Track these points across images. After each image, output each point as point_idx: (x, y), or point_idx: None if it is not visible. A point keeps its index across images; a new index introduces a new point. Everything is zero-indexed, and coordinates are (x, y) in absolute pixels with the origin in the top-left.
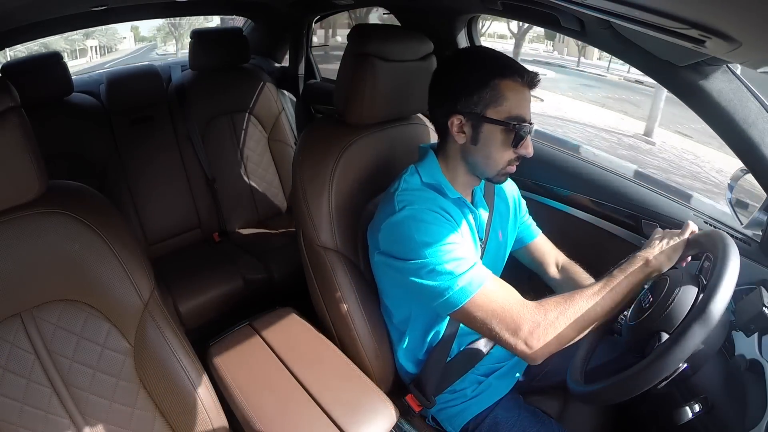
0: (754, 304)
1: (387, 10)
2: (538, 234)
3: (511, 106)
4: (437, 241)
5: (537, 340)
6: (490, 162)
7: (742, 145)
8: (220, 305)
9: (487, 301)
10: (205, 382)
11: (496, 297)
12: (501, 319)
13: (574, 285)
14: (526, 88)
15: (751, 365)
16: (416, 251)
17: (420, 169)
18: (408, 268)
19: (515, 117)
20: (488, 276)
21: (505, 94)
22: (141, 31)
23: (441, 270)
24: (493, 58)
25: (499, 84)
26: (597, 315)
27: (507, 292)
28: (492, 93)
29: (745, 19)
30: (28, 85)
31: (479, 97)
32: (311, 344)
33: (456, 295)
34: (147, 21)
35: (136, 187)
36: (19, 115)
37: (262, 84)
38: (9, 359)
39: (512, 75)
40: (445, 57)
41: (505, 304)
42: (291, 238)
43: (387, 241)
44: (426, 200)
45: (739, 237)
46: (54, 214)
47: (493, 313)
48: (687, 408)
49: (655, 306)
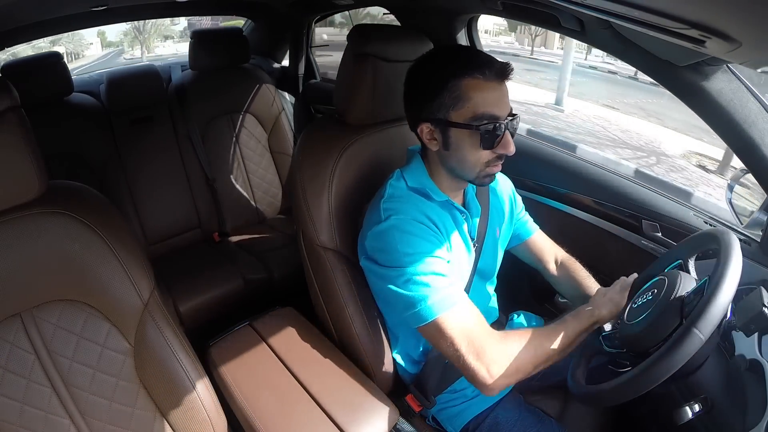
0: (754, 304)
1: (387, 10)
2: (535, 230)
3: (474, 106)
4: (419, 253)
5: (498, 368)
6: (465, 166)
7: (742, 145)
8: (220, 305)
9: (457, 321)
10: (205, 382)
11: (467, 320)
12: (468, 342)
13: (573, 281)
14: (493, 83)
15: (751, 365)
16: (397, 260)
17: (405, 174)
18: (387, 275)
19: (481, 116)
20: (463, 298)
21: (467, 94)
22: (108, 36)
23: (417, 281)
24: (450, 58)
25: (457, 84)
26: (553, 353)
27: (478, 318)
28: (451, 95)
29: (745, 19)
30: (28, 85)
31: (440, 102)
32: (311, 344)
33: (427, 309)
34: (114, 26)
35: (136, 187)
36: (19, 115)
37: (262, 84)
38: (9, 359)
39: (471, 72)
40: (412, 64)
41: (474, 328)
42: (291, 238)
43: (372, 249)
44: (412, 207)
45: (739, 237)
46: (54, 214)
47: (461, 335)
48: (687, 408)
49: (660, 298)
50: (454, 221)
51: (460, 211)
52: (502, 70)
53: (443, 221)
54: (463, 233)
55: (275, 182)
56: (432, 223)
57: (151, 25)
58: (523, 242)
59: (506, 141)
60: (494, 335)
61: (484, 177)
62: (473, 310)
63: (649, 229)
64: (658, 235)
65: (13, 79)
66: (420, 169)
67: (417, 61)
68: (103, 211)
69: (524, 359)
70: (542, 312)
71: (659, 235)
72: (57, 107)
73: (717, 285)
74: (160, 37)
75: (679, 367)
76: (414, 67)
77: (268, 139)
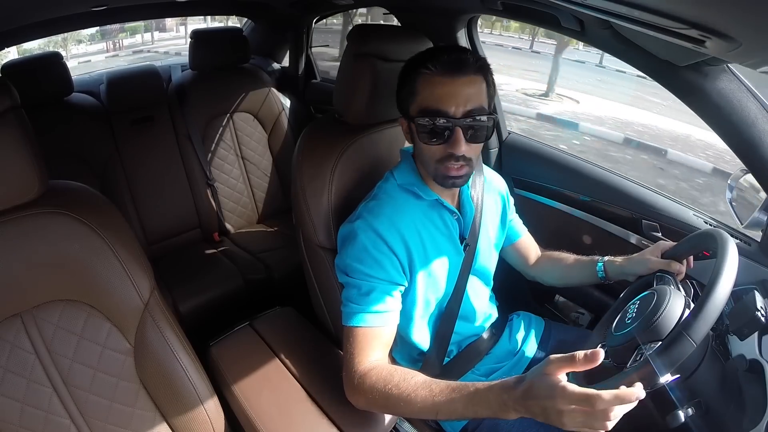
0: (748, 308)
1: (387, 10)
2: (524, 233)
3: (422, 100)
4: (361, 266)
5: (364, 395)
6: (423, 161)
7: (742, 145)
8: (220, 305)
9: (365, 337)
10: (205, 382)
11: (372, 341)
12: (351, 357)
13: (557, 266)
14: (443, 77)
15: (751, 365)
16: (345, 265)
17: (396, 174)
18: (337, 265)
19: (425, 110)
20: (383, 322)
21: (417, 88)
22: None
23: (351, 290)
24: (419, 53)
25: (414, 79)
26: (429, 409)
27: (380, 344)
28: (408, 89)
29: (745, 19)
30: (28, 85)
31: (404, 95)
32: (311, 344)
33: (349, 316)
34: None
35: (136, 187)
36: (19, 115)
37: (262, 84)
38: (9, 359)
39: (423, 66)
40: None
41: (365, 350)
42: (291, 238)
43: (338, 242)
44: (386, 211)
45: (739, 237)
46: (54, 214)
47: (354, 348)
48: (680, 412)
49: (641, 319)
50: (442, 221)
51: (451, 212)
52: (452, 65)
53: (425, 224)
54: (451, 234)
55: (275, 182)
56: (399, 238)
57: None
58: (512, 244)
59: (455, 139)
60: (379, 365)
61: (442, 178)
62: (388, 335)
63: (648, 228)
64: (658, 235)
65: (13, 79)
66: (409, 168)
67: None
68: (103, 211)
69: (390, 403)
70: (542, 312)
71: (659, 235)
72: (57, 107)
73: (715, 279)
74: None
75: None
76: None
77: (268, 139)
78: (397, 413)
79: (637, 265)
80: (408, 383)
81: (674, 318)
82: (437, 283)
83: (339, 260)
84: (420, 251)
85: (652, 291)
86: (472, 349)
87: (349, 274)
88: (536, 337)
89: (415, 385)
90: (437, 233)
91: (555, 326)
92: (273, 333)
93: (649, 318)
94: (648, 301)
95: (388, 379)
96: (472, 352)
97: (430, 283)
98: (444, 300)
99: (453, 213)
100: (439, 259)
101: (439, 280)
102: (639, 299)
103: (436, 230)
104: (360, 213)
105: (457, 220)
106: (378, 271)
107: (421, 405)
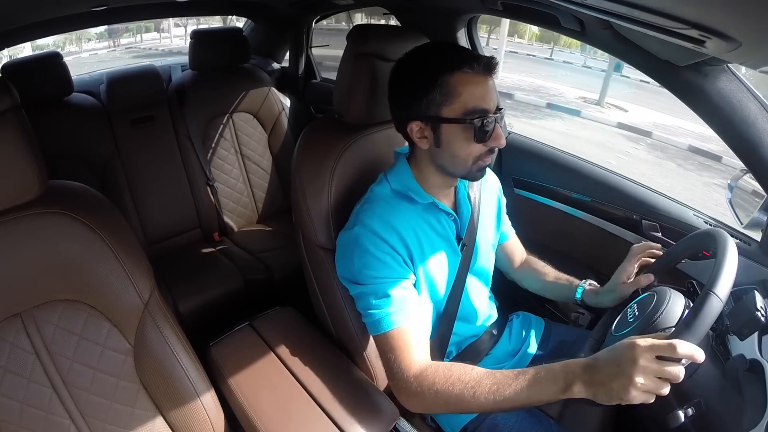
0: (748, 308)
1: (386, 10)
2: (511, 235)
3: (466, 101)
4: (374, 277)
5: (423, 396)
6: (457, 161)
7: (742, 145)
8: (220, 305)
9: (402, 338)
10: (205, 382)
11: (411, 338)
12: (396, 363)
13: (537, 278)
14: (482, 76)
15: (751, 365)
16: (353, 275)
17: (389, 177)
18: (348, 282)
19: (472, 110)
20: (413, 318)
21: (457, 89)
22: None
23: (368, 298)
24: (437, 54)
25: (448, 80)
26: (494, 398)
27: (423, 339)
28: (442, 91)
29: (745, 19)
30: (28, 85)
31: (431, 99)
32: (311, 344)
33: (377, 324)
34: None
35: (136, 187)
36: (19, 115)
37: (262, 84)
38: (9, 359)
39: (460, 67)
40: (394, 64)
41: (406, 351)
42: (291, 238)
43: (337, 253)
44: (383, 214)
45: (739, 237)
46: (54, 214)
47: (395, 354)
48: (680, 412)
49: (642, 319)
50: (438, 223)
51: (447, 213)
52: (489, 64)
53: (420, 226)
54: (447, 235)
55: (275, 182)
56: (397, 236)
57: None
58: (499, 246)
59: (497, 134)
60: (429, 362)
61: (476, 171)
62: (421, 330)
63: (648, 228)
64: (658, 235)
65: (13, 79)
66: (405, 171)
67: (399, 61)
68: (103, 211)
69: (445, 401)
70: (542, 312)
71: (659, 235)
72: (57, 107)
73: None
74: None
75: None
76: (397, 66)
77: (268, 139)
78: (459, 409)
79: (610, 295)
80: (470, 375)
81: (674, 318)
82: (435, 284)
83: (345, 270)
84: (417, 251)
85: (652, 292)
86: (471, 349)
87: (361, 281)
88: (536, 337)
89: (478, 376)
90: (433, 234)
91: (555, 326)
92: (273, 333)
93: (649, 318)
94: (648, 301)
95: (448, 375)
96: (471, 352)
97: (428, 284)
98: (442, 301)
99: (449, 215)
100: (436, 260)
101: (437, 280)
102: (639, 300)
103: (432, 231)
104: (357, 218)
105: (454, 221)
106: (387, 271)
107: (486, 394)
